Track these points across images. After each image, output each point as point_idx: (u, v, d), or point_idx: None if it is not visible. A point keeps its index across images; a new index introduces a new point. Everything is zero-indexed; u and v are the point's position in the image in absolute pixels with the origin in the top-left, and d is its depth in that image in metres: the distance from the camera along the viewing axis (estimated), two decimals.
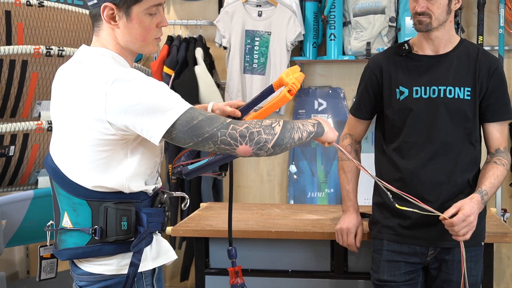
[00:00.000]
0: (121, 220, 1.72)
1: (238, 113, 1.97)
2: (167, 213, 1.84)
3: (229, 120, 1.67)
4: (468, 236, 2.17)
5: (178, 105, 1.64)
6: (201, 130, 1.64)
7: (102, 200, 1.72)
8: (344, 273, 2.68)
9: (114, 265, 1.75)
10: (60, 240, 1.79)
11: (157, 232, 1.83)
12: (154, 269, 1.82)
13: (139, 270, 1.76)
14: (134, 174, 1.73)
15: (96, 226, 1.72)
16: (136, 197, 1.75)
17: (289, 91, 1.85)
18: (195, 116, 1.64)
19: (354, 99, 2.57)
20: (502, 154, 2.36)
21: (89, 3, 1.75)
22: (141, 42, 1.76)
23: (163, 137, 1.64)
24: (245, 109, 1.98)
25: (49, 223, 1.85)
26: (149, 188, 1.79)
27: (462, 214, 2.14)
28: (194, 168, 1.94)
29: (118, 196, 1.73)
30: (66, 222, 1.76)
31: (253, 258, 2.71)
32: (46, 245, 1.89)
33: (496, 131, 2.37)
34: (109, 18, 1.73)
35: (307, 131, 1.78)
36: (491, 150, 2.38)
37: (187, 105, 1.66)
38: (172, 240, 4.09)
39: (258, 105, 1.99)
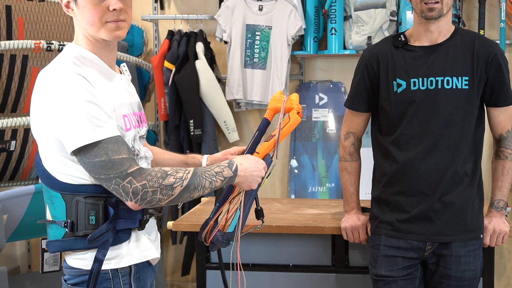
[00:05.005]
0: (89, 214, 1.72)
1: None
2: (149, 210, 1.81)
3: (132, 169, 1.65)
4: (505, 240, 2.44)
5: (93, 132, 1.63)
6: (99, 170, 1.64)
7: (74, 193, 1.73)
8: (345, 267, 2.68)
9: (89, 260, 1.75)
10: (47, 232, 1.82)
11: (136, 229, 1.81)
12: (131, 268, 1.80)
13: (115, 267, 1.76)
14: None
15: (68, 220, 1.74)
16: (108, 192, 1.71)
17: (298, 113, 1.94)
18: (100, 153, 1.63)
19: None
20: (505, 142, 2.39)
21: None
22: (90, 27, 1.74)
23: (73, 154, 1.65)
24: (250, 151, 1.97)
25: None
26: None
27: (489, 235, 2.42)
28: (234, 228, 1.89)
29: (89, 190, 1.73)
30: (48, 215, 1.79)
31: (254, 253, 2.72)
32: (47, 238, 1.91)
33: (500, 116, 2.39)
34: (66, 7, 1.75)
35: (215, 186, 1.76)
36: (495, 135, 2.42)
37: (103, 135, 1.64)
38: (173, 234, 4.10)
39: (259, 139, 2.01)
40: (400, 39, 2.37)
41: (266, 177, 1.91)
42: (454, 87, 2.30)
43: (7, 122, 3.14)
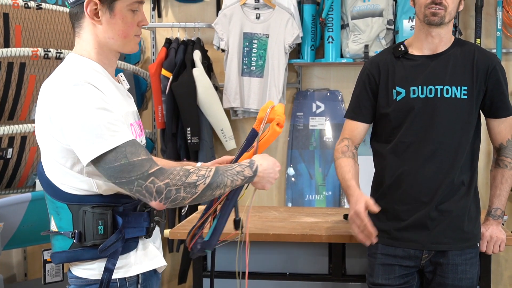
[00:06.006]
0: (97, 224, 1.72)
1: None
2: (155, 218, 1.81)
3: (154, 169, 1.63)
4: (502, 248, 2.43)
5: (111, 138, 1.62)
6: (120, 174, 1.62)
7: (81, 204, 1.72)
8: (342, 275, 2.68)
9: (96, 270, 1.75)
10: (52, 244, 1.81)
11: (143, 237, 1.81)
12: (138, 276, 1.80)
13: (123, 276, 1.76)
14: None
15: (76, 230, 1.73)
16: (115, 201, 1.72)
17: (277, 124, 1.88)
18: (119, 157, 1.62)
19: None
20: (505, 151, 2.40)
21: (70, 1, 1.75)
22: (122, 39, 1.76)
23: (91, 162, 1.64)
24: (237, 160, 1.96)
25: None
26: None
27: (486, 242, 2.41)
28: (212, 234, 1.85)
29: (96, 200, 1.72)
30: (53, 226, 1.78)
31: (251, 261, 2.70)
32: (50, 249, 1.90)
33: (500, 126, 2.40)
34: (92, 13, 1.73)
35: (236, 185, 1.75)
36: (495, 145, 2.43)
37: (120, 139, 1.63)
38: (170, 242, 4.09)
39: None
40: (400, 49, 2.38)
41: (245, 189, 1.89)
42: (453, 96, 2.31)
43: (4, 129, 3.14)
